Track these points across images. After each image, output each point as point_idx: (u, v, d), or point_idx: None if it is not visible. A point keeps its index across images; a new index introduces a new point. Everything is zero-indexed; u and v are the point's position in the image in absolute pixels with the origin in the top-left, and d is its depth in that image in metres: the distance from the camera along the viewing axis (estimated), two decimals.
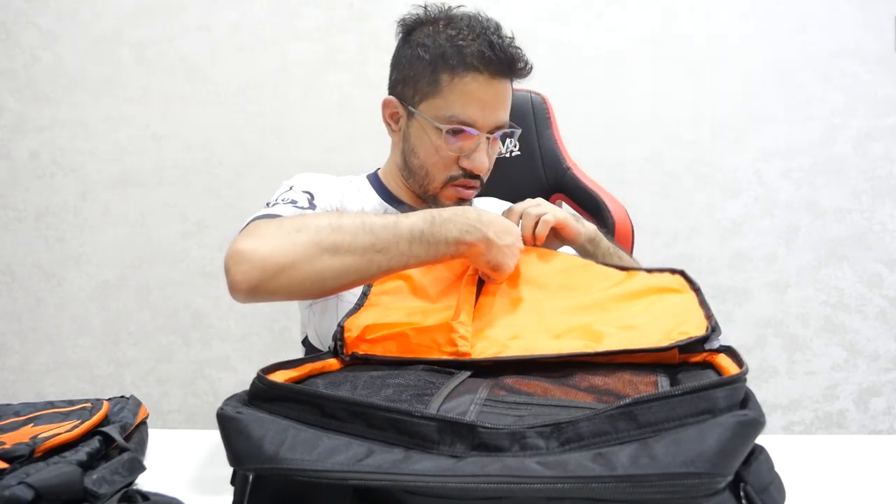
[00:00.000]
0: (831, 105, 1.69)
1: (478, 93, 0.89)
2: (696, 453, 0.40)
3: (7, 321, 1.74)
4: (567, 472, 0.41)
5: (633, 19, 1.68)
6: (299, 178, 0.97)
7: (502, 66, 0.89)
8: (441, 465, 0.43)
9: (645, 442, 0.42)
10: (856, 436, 1.75)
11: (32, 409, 0.77)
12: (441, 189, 0.95)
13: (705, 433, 0.41)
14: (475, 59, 0.88)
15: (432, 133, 0.92)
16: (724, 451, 0.40)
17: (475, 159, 0.91)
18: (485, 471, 0.41)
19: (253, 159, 1.70)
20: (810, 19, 1.67)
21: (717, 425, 0.41)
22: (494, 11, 0.84)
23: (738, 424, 0.41)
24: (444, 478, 0.41)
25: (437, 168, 0.94)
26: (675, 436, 0.41)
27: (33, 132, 1.71)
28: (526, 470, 0.41)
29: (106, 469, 0.65)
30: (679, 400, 0.43)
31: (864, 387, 1.74)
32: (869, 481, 0.73)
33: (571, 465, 0.42)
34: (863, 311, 1.72)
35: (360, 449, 0.45)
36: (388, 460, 0.43)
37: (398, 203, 1.00)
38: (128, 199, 1.72)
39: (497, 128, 0.92)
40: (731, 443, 0.41)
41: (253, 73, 1.68)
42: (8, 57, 1.69)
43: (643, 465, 0.40)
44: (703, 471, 0.39)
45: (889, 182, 1.70)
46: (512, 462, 0.42)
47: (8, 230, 1.72)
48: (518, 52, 0.91)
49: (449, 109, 0.90)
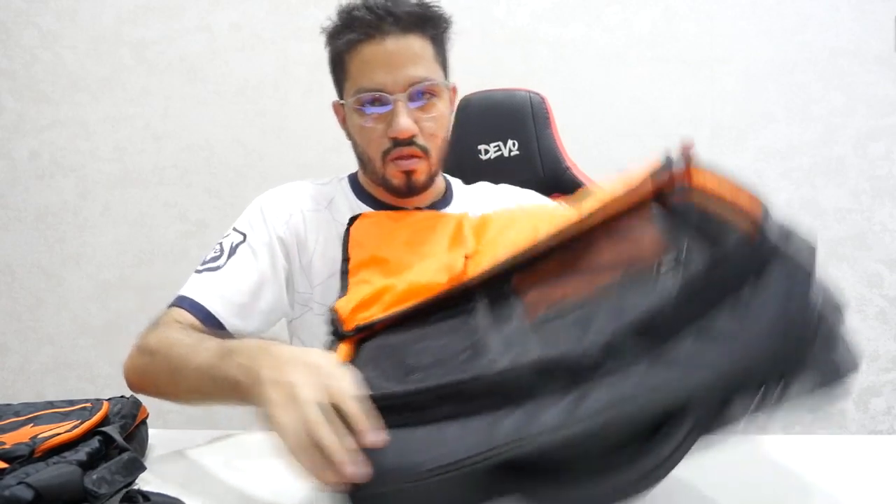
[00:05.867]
0: (831, 105, 1.69)
1: (375, 57, 0.88)
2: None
3: (7, 321, 1.74)
4: (686, 365, 0.41)
5: (633, 19, 1.68)
6: (246, 212, 0.98)
7: (388, 22, 0.88)
8: (561, 410, 0.42)
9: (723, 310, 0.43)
10: (856, 436, 1.75)
11: (32, 409, 0.77)
12: (383, 169, 0.93)
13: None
14: (358, 27, 0.88)
15: (355, 115, 0.92)
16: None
17: (395, 123, 0.89)
18: (601, 403, 0.42)
19: (253, 159, 1.70)
20: (810, 19, 1.67)
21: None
22: (494, 11, 0.85)
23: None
24: (574, 423, 0.41)
25: (370, 147, 0.93)
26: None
27: (33, 132, 1.71)
28: (644, 382, 0.42)
29: (106, 469, 0.65)
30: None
31: (864, 387, 1.74)
32: (869, 481, 0.73)
33: (682, 356, 0.42)
34: (863, 311, 1.72)
35: (479, 424, 0.44)
36: (513, 425, 0.43)
37: (371, 199, 1.01)
38: (128, 199, 1.72)
39: (410, 85, 0.89)
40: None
41: (253, 73, 1.68)
42: (8, 57, 1.69)
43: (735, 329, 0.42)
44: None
45: (889, 182, 1.70)
46: (615, 380, 0.42)
47: (8, 230, 1.72)
48: (408, 5, 0.89)
49: (357, 84, 0.90)
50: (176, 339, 0.78)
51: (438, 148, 0.95)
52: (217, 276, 0.91)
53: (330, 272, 0.94)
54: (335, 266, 0.92)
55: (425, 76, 0.90)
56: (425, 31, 0.91)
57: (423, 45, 0.90)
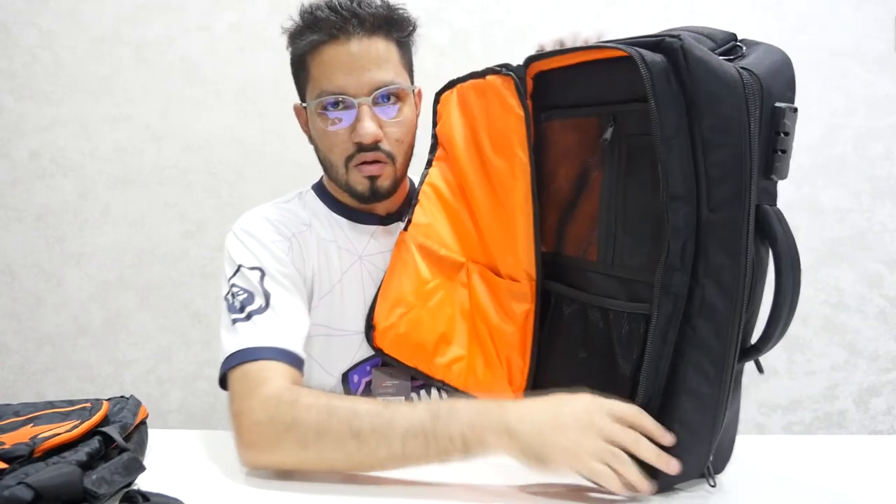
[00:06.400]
0: (831, 105, 1.69)
1: (337, 59, 0.86)
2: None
3: (7, 321, 1.74)
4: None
5: (633, 19, 1.68)
6: (240, 248, 0.90)
7: (353, 24, 0.85)
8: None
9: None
10: (856, 436, 1.75)
11: (32, 409, 0.77)
12: (347, 175, 0.91)
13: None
14: (322, 28, 0.85)
15: (317, 119, 0.89)
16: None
17: (359, 128, 0.86)
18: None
19: (253, 159, 1.70)
20: (810, 19, 1.67)
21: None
22: (494, 11, 0.84)
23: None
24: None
25: (333, 153, 0.90)
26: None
27: (33, 132, 1.71)
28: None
29: (105, 469, 0.65)
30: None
31: (864, 387, 1.74)
32: (869, 481, 0.73)
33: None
34: (863, 311, 1.72)
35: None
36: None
37: (344, 208, 0.97)
38: (128, 199, 1.72)
39: (375, 89, 0.87)
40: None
41: (253, 73, 1.68)
42: (8, 57, 1.69)
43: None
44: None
45: (889, 182, 1.70)
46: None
47: (8, 230, 1.72)
48: (373, 6, 0.86)
49: (318, 87, 0.88)
50: (302, 414, 0.72)
51: (404, 153, 0.93)
52: (271, 317, 0.83)
53: (321, 294, 0.94)
54: (330, 285, 0.93)
55: (391, 80, 0.88)
56: (391, 33, 0.88)
57: (388, 47, 0.88)
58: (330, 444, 0.70)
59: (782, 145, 0.64)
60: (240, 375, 0.78)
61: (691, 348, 0.65)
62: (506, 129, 0.85)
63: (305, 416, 0.72)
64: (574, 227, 0.82)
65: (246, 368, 0.78)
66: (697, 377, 0.65)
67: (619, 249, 0.73)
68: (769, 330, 0.66)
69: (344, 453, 0.70)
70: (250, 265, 0.87)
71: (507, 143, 0.85)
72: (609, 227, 0.74)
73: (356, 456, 0.70)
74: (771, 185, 0.66)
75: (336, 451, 0.70)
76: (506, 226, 0.87)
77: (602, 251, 0.75)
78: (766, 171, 0.65)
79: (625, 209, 0.73)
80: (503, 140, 0.86)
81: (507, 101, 0.85)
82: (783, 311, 0.65)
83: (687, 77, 0.63)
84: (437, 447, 0.68)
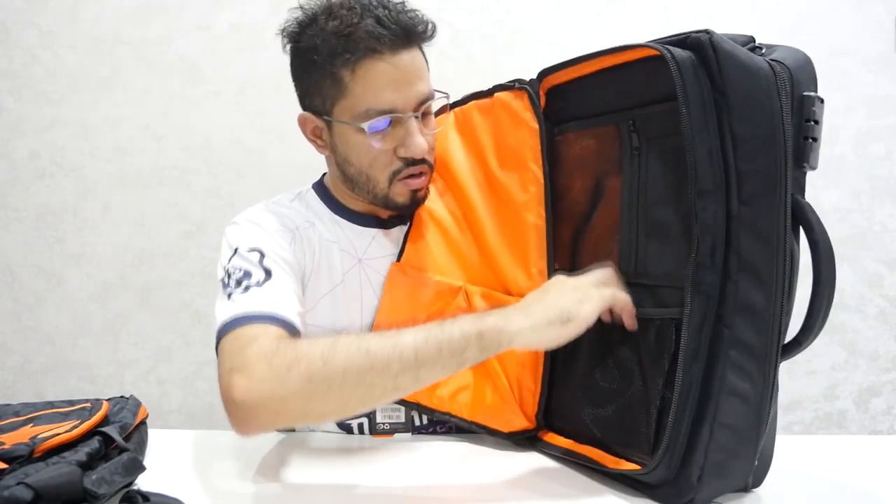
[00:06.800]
0: (831, 105, 1.69)
1: (385, 75, 0.81)
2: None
3: (7, 321, 1.74)
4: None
5: (633, 19, 1.68)
6: (240, 232, 0.88)
7: (399, 39, 0.81)
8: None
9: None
10: (856, 436, 1.75)
11: (32, 409, 0.77)
12: (389, 189, 0.89)
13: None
14: (368, 41, 0.80)
15: (356, 135, 0.85)
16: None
17: (411, 145, 0.84)
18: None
19: (253, 159, 1.70)
20: (810, 19, 1.67)
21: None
22: (494, 11, 0.84)
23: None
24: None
25: (376, 169, 0.87)
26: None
27: (33, 132, 1.71)
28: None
29: (105, 469, 0.65)
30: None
31: (864, 387, 1.74)
32: (869, 481, 0.73)
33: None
34: (863, 311, 1.72)
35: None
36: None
37: (345, 210, 0.96)
38: (128, 199, 1.72)
39: (421, 103, 0.85)
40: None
41: (253, 73, 1.68)
42: (7, 57, 1.69)
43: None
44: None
45: (889, 182, 1.70)
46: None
47: (8, 230, 1.72)
48: (413, 16, 0.84)
49: (362, 104, 0.82)
50: (305, 350, 0.68)
51: (434, 159, 0.92)
52: (269, 289, 0.80)
53: (320, 294, 0.92)
54: (330, 285, 0.92)
55: (430, 91, 0.87)
56: (423, 42, 0.87)
57: (422, 57, 0.87)
58: (339, 368, 0.65)
59: (813, 133, 0.65)
60: (232, 338, 0.73)
61: (728, 347, 0.63)
62: (517, 145, 0.85)
63: (309, 349, 0.67)
64: (590, 241, 0.81)
65: (238, 332, 0.73)
66: (738, 376, 0.63)
67: (641, 257, 0.73)
68: (810, 321, 0.64)
69: (355, 376, 0.65)
70: (249, 247, 0.85)
71: (519, 159, 0.85)
72: (630, 235, 0.74)
73: (368, 376, 0.65)
74: (801, 175, 0.66)
75: (346, 375, 0.64)
76: (516, 243, 0.86)
77: (623, 260, 0.75)
78: (798, 159, 0.64)
79: (647, 215, 0.72)
80: (514, 156, 0.85)
81: (519, 116, 0.84)
82: (823, 301, 0.64)
83: (716, 71, 0.62)
84: (450, 347, 0.67)
